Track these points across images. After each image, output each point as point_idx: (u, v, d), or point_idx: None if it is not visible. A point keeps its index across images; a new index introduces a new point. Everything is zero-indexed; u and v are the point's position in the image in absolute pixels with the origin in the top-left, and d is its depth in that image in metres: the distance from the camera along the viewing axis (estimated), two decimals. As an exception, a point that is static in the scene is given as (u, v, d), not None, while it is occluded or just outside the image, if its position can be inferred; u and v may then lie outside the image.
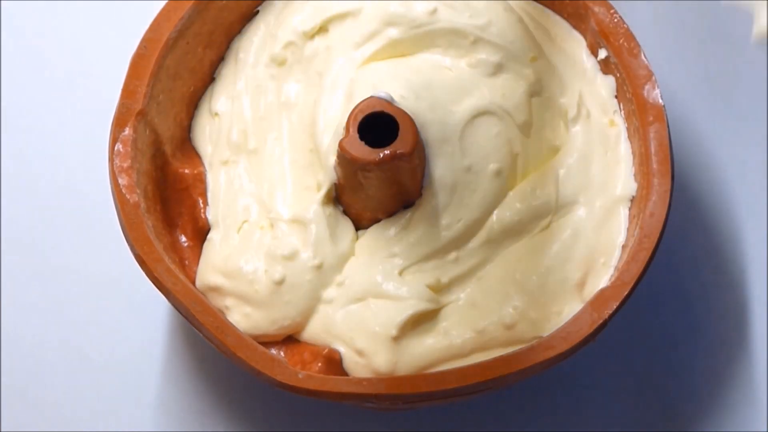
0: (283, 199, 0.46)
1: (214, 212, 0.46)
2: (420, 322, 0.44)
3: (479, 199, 0.45)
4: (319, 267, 0.44)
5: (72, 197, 0.53)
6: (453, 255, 0.45)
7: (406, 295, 0.44)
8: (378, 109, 0.43)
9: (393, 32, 0.46)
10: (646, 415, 0.49)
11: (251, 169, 0.46)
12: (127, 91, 0.44)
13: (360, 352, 0.44)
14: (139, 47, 0.45)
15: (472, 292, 0.44)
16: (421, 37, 0.46)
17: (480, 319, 0.44)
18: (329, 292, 0.44)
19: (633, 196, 0.45)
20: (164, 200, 0.46)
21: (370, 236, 0.45)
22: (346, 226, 0.45)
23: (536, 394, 0.49)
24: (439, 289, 0.44)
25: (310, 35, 0.47)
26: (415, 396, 0.41)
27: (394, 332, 0.43)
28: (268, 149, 0.47)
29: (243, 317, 0.44)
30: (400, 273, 0.44)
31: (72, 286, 0.52)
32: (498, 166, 0.45)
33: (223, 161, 0.47)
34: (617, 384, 0.50)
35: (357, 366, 0.44)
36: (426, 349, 0.44)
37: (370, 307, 0.44)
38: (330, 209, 0.45)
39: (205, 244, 0.46)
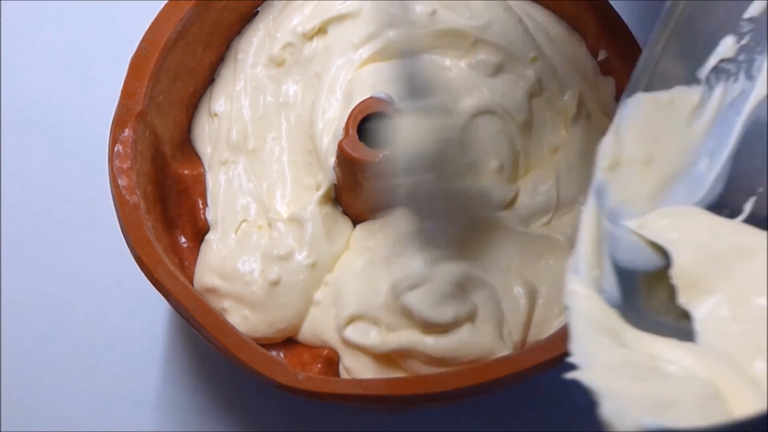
0: (281, 199, 0.46)
1: (213, 213, 0.46)
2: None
3: (479, 198, 0.45)
4: (313, 266, 0.44)
5: (72, 198, 0.53)
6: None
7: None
8: (378, 109, 0.42)
9: (392, 34, 0.46)
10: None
11: (250, 169, 0.46)
12: (127, 92, 0.44)
13: None
14: (139, 48, 0.45)
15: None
16: (421, 39, 0.46)
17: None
18: (318, 294, 0.44)
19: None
20: (164, 201, 0.46)
21: (360, 234, 0.45)
22: (345, 225, 0.45)
23: (536, 395, 0.49)
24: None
25: (309, 36, 0.47)
26: (415, 397, 0.41)
27: None
28: (267, 149, 0.47)
29: (241, 320, 0.44)
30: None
31: (72, 287, 0.52)
32: (499, 163, 0.45)
33: (222, 161, 0.47)
34: (617, 384, 0.50)
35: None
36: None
37: None
38: (328, 209, 0.45)
39: (203, 245, 0.46)
